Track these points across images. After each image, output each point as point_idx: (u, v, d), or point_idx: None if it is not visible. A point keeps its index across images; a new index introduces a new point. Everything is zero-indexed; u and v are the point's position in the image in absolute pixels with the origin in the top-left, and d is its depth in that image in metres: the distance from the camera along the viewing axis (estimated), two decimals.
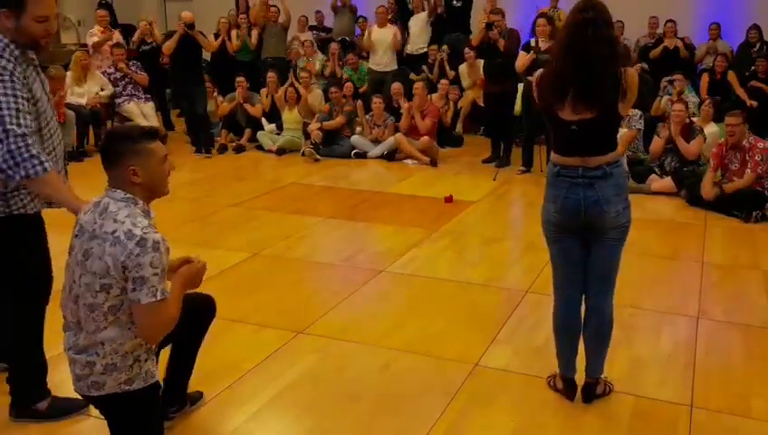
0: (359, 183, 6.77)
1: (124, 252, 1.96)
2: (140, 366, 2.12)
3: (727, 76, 7.69)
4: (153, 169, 2.09)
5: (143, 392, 2.14)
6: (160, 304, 1.99)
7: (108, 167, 2.11)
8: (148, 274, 1.96)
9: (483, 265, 4.43)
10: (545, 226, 2.72)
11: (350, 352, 3.24)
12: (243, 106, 8.44)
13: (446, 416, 2.71)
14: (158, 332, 2.07)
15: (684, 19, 9.25)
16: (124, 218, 2.01)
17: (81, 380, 2.12)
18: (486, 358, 3.17)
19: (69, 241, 2.16)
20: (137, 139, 2.10)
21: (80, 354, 2.10)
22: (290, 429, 2.67)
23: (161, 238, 2.01)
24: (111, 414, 2.18)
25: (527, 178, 6.78)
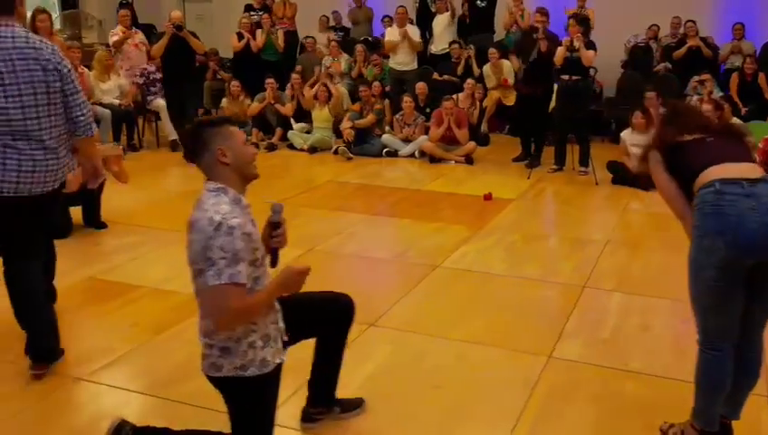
0: (394, 181, 6.83)
1: (204, 237, 2.02)
2: (255, 353, 2.16)
3: (758, 79, 7.73)
4: (238, 149, 2.16)
5: (258, 380, 2.19)
6: (226, 287, 1.99)
7: (198, 156, 2.17)
8: (216, 256, 1.99)
9: (533, 261, 4.49)
10: (702, 267, 2.29)
11: (423, 344, 3.31)
12: (273, 106, 8.50)
13: (531, 406, 2.77)
14: (223, 318, 2.05)
15: (707, 19, 9.31)
16: (209, 207, 2.07)
17: (204, 360, 2.21)
18: (559, 350, 3.23)
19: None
20: (219, 123, 2.21)
21: (204, 337, 2.18)
22: (381, 416, 2.72)
23: (238, 224, 2.03)
24: (227, 396, 2.24)
25: (559, 176, 6.84)
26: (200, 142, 2.14)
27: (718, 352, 2.36)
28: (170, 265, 4.35)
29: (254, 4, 10.53)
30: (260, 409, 2.26)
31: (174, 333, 3.44)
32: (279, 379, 2.26)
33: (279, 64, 10.01)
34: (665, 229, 5.23)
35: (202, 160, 2.16)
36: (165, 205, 5.82)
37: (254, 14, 10.45)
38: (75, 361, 3.14)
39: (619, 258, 4.52)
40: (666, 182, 2.47)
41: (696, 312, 2.40)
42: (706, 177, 2.32)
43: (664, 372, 3.02)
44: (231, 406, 2.25)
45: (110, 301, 3.81)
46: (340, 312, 2.53)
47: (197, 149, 2.15)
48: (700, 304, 2.37)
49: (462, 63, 9.30)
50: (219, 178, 2.14)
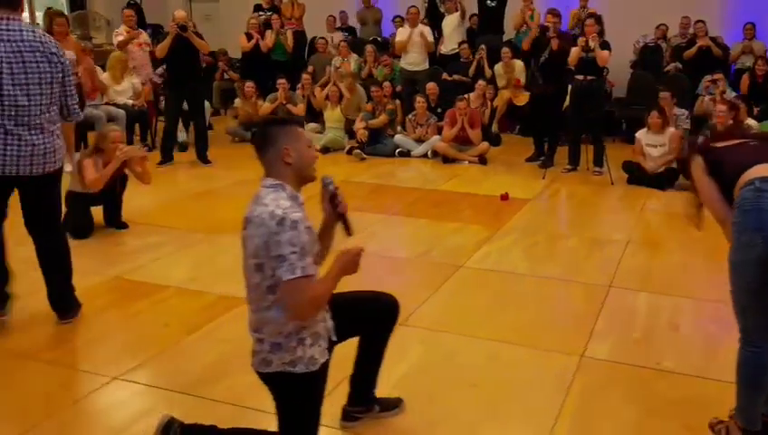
0: (408, 181, 6.84)
1: (267, 231, 2.03)
2: (304, 350, 2.18)
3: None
4: (302, 150, 2.20)
5: (305, 377, 2.20)
6: (301, 280, 2.03)
7: (263, 151, 2.20)
8: (286, 251, 2.01)
9: (556, 260, 4.50)
10: (740, 264, 2.33)
11: (454, 343, 3.31)
12: (285, 106, 8.51)
13: (567, 406, 2.78)
14: (301, 309, 2.09)
15: (717, 18, 9.33)
16: (269, 202, 2.09)
17: (254, 356, 2.22)
18: (590, 350, 3.24)
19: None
20: (288, 123, 2.25)
21: (254, 333, 2.20)
22: (421, 416, 2.72)
23: (300, 218, 2.07)
24: (275, 392, 2.25)
25: (574, 176, 6.85)
26: (268, 138, 2.17)
27: (757, 349, 2.37)
28: (194, 265, 4.37)
29: (263, 4, 10.55)
30: (307, 406, 2.27)
31: (205, 332, 3.44)
32: (326, 377, 2.27)
33: (288, 64, 10.03)
34: (684, 230, 5.20)
35: (266, 156, 2.18)
36: (181, 205, 5.82)
37: (262, 13, 10.48)
38: (110, 360, 3.15)
39: (642, 258, 4.53)
40: (707, 186, 2.48)
41: (736, 310, 2.42)
42: (747, 176, 2.34)
43: (697, 372, 3.02)
44: (279, 402, 2.26)
45: (138, 301, 3.81)
46: (385, 311, 2.54)
47: (264, 144, 2.18)
48: (739, 301, 2.39)
49: (474, 64, 9.32)
50: (279, 175, 2.16)
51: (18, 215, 3.47)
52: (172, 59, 7.15)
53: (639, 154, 6.52)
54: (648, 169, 6.41)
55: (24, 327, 3.49)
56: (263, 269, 2.09)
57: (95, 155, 4.84)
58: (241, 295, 3.76)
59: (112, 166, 4.74)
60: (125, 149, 4.81)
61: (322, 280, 2.16)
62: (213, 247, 4.69)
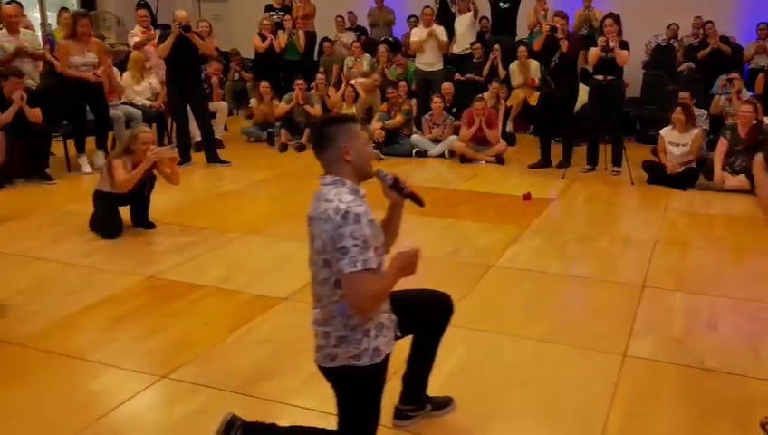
0: (428, 181, 6.83)
1: (333, 226, 2.05)
2: (369, 341, 2.18)
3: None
4: (361, 148, 2.20)
5: (369, 370, 2.20)
6: (362, 273, 2.04)
7: (322, 150, 2.20)
8: (348, 244, 2.03)
9: (587, 260, 4.50)
10: None
11: (497, 343, 3.32)
12: (302, 106, 8.51)
13: (617, 405, 2.78)
14: (362, 302, 2.10)
15: (730, 18, 9.35)
16: (332, 197, 2.11)
17: (318, 350, 2.22)
18: (632, 349, 3.24)
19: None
20: (346, 121, 2.24)
21: (320, 327, 2.20)
22: (472, 414, 2.72)
23: (364, 211, 2.07)
24: (339, 387, 2.25)
25: (593, 176, 6.85)
26: (327, 138, 2.18)
27: None
28: (227, 265, 4.37)
29: (275, 5, 10.54)
30: (370, 399, 2.27)
31: (246, 331, 3.44)
32: (387, 370, 2.28)
33: (300, 64, 10.05)
34: (709, 229, 5.27)
35: (325, 155, 2.19)
36: (205, 205, 5.82)
37: (274, 14, 10.49)
38: (154, 359, 3.15)
39: (672, 258, 4.53)
40: (764, 183, 2.48)
41: None
42: None
43: (743, 371, 3.03)
44: (341, 397, 2.26)
45: (175, 300, 3.81)
46: (440, 310, 2.55)
47: (323, 143, 2.18)
48: None
49: (488, 64, 9.32)
50: (338, 173, 2.17)
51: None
52: (174, 59, 7.08)
53: (661, 151, 6.52)
54: (669, 167, 6.41)
55: (66, 327, 3.49)
56: (330, 265, 2.10)
57: (125, 156, 4.84)
58: (277, 295, 3.83)
59: (143, 167, 4.74)
60: (156, 150, 4.81)
61: (382, 276, 2.16)
62: (244, 248, 4.70)
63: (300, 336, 3.35)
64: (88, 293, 3.90)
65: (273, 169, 7.22)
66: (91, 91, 6.76)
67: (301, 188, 6.40)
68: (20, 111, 6.23)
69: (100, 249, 4.65)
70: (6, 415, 2.71)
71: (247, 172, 7.02)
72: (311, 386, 2.93)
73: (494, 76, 9.08)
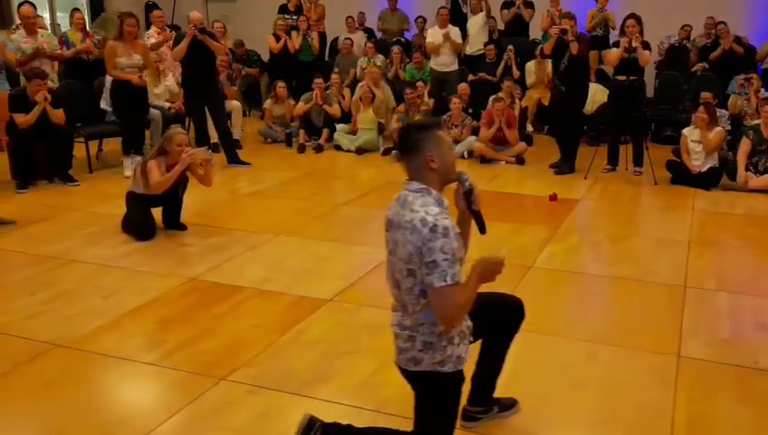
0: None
1: (420, 238, 2.04)
2: (453, 349, 2.18)
3: None
4: (446, 155, 2.19)
5: (452, 376, 2.20)
6: (451, 287, 2.04)
7: (408, 157, 2.19)
8: (438, 258, 2.02)
9: (624, 260, 4.49)
10: None
11: (548, 344, 3.31)
12: (320, 107, 8.49)
13: (679, 405, 2.78)
14: (450, 315, 2.11)
15: (743, 19, 9.37)
16: (419, 208, 2.09)
17: (402, 353, 2.21)
18: (685, 349, 3.24)
19: None
20: (431, 128, 2.22)
21: (405, 331, 2.19)
22: (537, 416, 2.72)
23: (451, 225, 2.07)
24: (422, 391, 2.24)
25: (615, 176, 6.85)
26: (413, 145, 2.16)
27: None
28: (265, 266, 4.35)
29: (290, 7, 10.52)
30: (450, 405, 2.27)
31: (297, 333, 3.43)
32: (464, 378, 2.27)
33: (314, 65, 10.04)
34: (741, 229, 5.28)
35: (411, 162, 2.17)
36: (233, 206, 5.80)
37: (288, 17, 10.46)
38: (210, 361, 3.13)
39: (709, 258, 4.54)
40: None
41: None
42: None
43: None
44: (422, 401, 2.25)
45: (219, 302, 3.79)
46: (512, 314, 2.54)
47: (410, 150, 2.17)
48: None
49: (502, 64, 9.32)
50: (424, 180, 2.16)
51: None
52: (189, 61, 7.04)
53: (684, 151, 6.53)
54: (692, 167, 6.42)
55: (115, 329, 3.47)
56: (415, 274, 2.10)
57: (159, 157, 4.82)
58: (321, 296, 3.82)
59: (179, 168, 4.72)
60: (191, 151, 4.79)
61: (464, 287, 2.14)
62: (280, 249, 4.68)
63: (350, 337, 3.38)
64: (130, 295, 3.89)
65: (295, 169, 7.21)
66: (135, 93, 6.65)
67: (326, 189, 6.41)
68: (42, 113, 6.20)
69: (136, 251, 4.63)
70: (70, 419, 2.70)
71: (269, 173, 7.01)
72: (367, 388, 2.94)
73: (506, 76, 9.06)
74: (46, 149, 6.37)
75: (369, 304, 3.77)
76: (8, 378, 3.00)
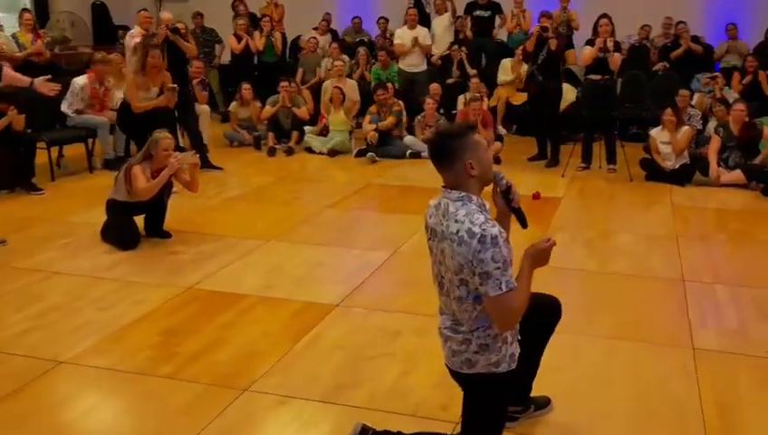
0: (432, 182, 6.75)
1: (469, 250, 2.03)
2: (507, 348, 2.19)
3: (758, 76, 8.16)
4: (483, 158, 2.17)
5: (506, 376, 2.21)
6: (507, 294, 2.05)
7: (445, 166, 2.16)
8: (491, 268, 2.02)
9: (620, 257, 4.60)
10: None
11: (569, 342, 3.30)
12: (287, 109, 8.40)
13: (706, 396, 2.86)
14: (509, 321, 2.12)
15: (698, 19, 9.77)
16: (463, 218, 2.07)
17: (456, 355, 2.20)
18: (698, 342, 3.35)
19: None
20: (466, 134, 2.19)
21: (457, 334, 2.18)
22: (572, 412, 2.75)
23: (499, 232, 2.06)
24: (474, 393, 2.24)
25: (591, 174, 7.03)
26: (450, 154, 2.13)
27: None
28: (263, 273, 4.27)
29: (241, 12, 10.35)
30: (502, 404, 2.28)
31: (312, 339, 3.38)
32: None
33: (278, 66, 9.93)
34: (722, 222, 5.49)
35: (450, 171, 2.14)
36: (215, 211, 5.67)
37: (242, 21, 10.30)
38: (229, 372, 3.05)
39: (699, 252, 4.71)
40: None
41: None
42: None
43: None
44: (475, 401, 2.25)
45: (223, 311, 3.70)
46: (549, 313, 2.57)
47: (447, 159, 2.13)
48: None
49: (455, 64, 9.43)
50: (463, 187, 2.13)
51: None
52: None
53: (655, 152, 6.75)
54: (665, 166, 6.64)
55: (119, 343, 3.34)
56: (467, 284, 2.09)
57: (144, 162, 4.67)
58: (328, 301, 3.79)
59: (166, 173, 4.58)
60: (179, 156, 4.65)
61: (519, 287, 2.12)
62: (274, 254, 4.60)
63: (369, 343, 3.35)
64: (127, 307, 3.75)
65: (269, 173, 7.10)
66: (160, 115, 6.29)
67: (307, 193, 6.34)
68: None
69: (122, 261, 4.47)
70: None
71: (243, 178, 6.88)
72: (398, 392, 2.92)
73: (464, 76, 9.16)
74: (7, 156, 6.08)
75: (379, 308, 3.75)
76: (17, 399, 2.84)
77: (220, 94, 10.51)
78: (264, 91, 8.92)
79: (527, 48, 7.49)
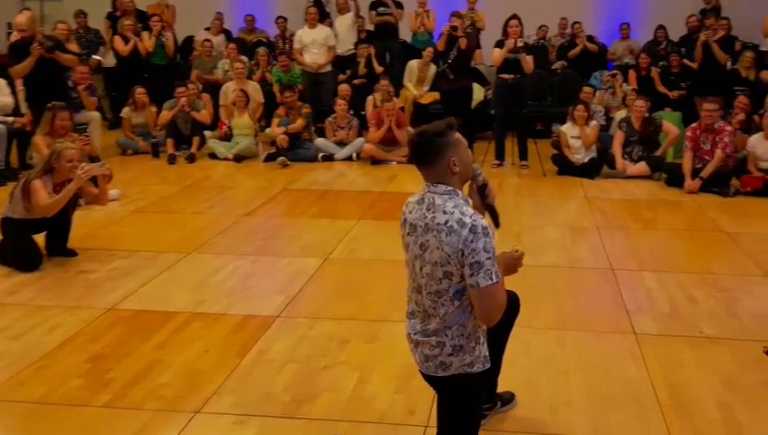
0: (352, 185, 6.92)
1: (460, 240, 2.09)
2: (480, 349, 2.25)
3: (651, 73, 8.83)
4: (464, 155, 2.24)
5: (481, 376, 2.26)
6: (497, 286, 2.12)
7: (427, 164, 2.20)
8: (482, 258, 2.09)
9: (549, 250, 4.81)
10: None
11: (518, 335, 3.36)
12: (187, 113, 8.14)
13: (656, 379, 3.06)
14: (495, 313, 2.18)
15: (592, 19, 10.44)
16: (452, 209, 2.13)
17: (429, 360, 2.23)
18: (638, 327, 3.58)
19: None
20: (447, 132, 2.23)
21: (431, 337, 2.21)
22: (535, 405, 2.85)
23: (486, 224, 2.15)
24: (451, 395, 2.27)
25: (504, 171, 7.34)
26: (433, 152, 2.17)
27: None
28: (190, 288, 4.13)
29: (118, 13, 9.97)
30: (478, 404, 2.34)
31: (258, 354, 3.30)
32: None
33: (169, 69, 9.61)
34: (635, 212, 5.89)
35: (432, 169, 2.18)
36: (122, 225, 5.41)
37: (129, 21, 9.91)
38: (176, 394, 2.93)
39: (621, 241, 5.03)
40: None
41: None
42: None
43: (735, 335, 3.49)
44: (451, 404, 2.29)
45: (155, 331, 3.53)
46: (511, 308, 2.63)
47: (430, 157, 2.17)
48: None
49: (362, 63, 9.54)
50: (447, 183, 2.18)
51: None
52: (33, 78, 6.50)
53: (565, 147, 7.13)
54: (575, 161, 7.04)
55: (43, 374, 3.11)
56: (451, 277, 2.13)
57: (45, 176, 4.37)
58: (267, 313, 3.72)
59: (72, 187, 4.31)
60: (87, 168, 4.38)
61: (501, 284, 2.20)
62: (198, 268, 4.45)
63: (320, 352, 3.33)
64: (42, 334, 3.50)
65: (173, 182, 6.86)
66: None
67: (220, 201, 6.17)
68: None
69: (25, 284, 4.17)
70: None
71: (145, 188, 6.60)
72: (362, 399, 2.92)
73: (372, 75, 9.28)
74: None
75: (323, 316, 3.72)
76: None
77: (106, 100, 10.01)
78: (155, 95, 8.60)
79: (438, 47, 7.70)
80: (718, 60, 8.33)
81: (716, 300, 3.94)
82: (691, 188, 6.34)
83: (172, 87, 8.42)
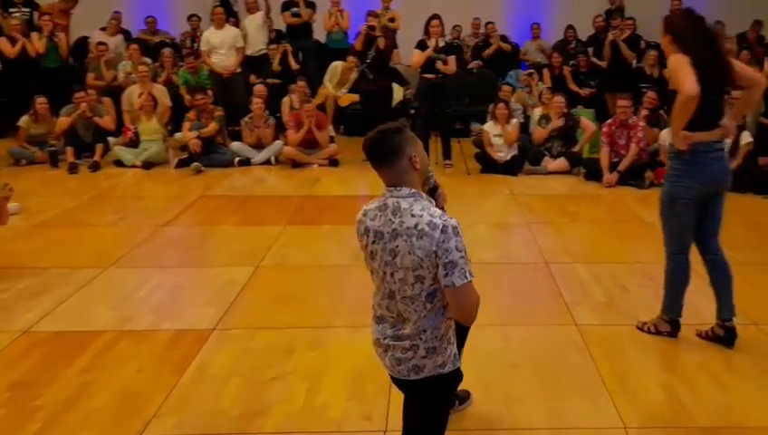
0: (274, 190, 6.84)
1: (433, 242, 2.10)
2: (450, 348, 2.27)
3: (563, 71, 9.22)
4: (422, 153, 2.26)
5: (451, 375, 2.29)
6: (471, 284, 2.14)
7: (388, 162, 2.18)
8: (456, 257, 2.11)
9: (483, 247, 4.90)
10: (680, 200, 3.26)
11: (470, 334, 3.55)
12: (88, 119, 7.78)
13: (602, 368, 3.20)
14: (472, 311, 2.20)
15: (504, 20, 10.79)
16: (420, 212, 2.14)
17: (401, 363, 2.23)
18: (578, 318, 3.73)
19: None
20: (404, 129, 2.26)
21: (404, 341, 2.21)
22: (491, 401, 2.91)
23: (456, 222, 2.17)
24: (421, 397, 2.28)
25: None
26: (393, 150, 2.17)
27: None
28: (113, 304, 3.96)
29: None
30: (447, 405, 2.37)
31: (197, 370, 3.20)
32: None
33: (64, 72, 9.17)
34: (559, 206, 6.13)
35: (392, 167, 2.17)
36: (21, 242, 5.07)
37: (16, 11, 9.43)
38: (116, 419, 2.79)
39: (551, 235, 5.22)
40: None
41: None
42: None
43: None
44: (422, 406, 2.30)
45: (80, 353, 3.35)
46: None
47: (392, 155, 2.16)
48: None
49: (277, 60, 9.45)
50: (407, 183, 2.18)
51: None
52: None
53: (488, 145, 7.33)
54: (497, 159, 7.26)
55: None
56: (423, 280, 2.14)
57: None
58: (202, 327, 3.61)
59: None
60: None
61: None
62: (119, 283, 4.26)
63: (264, 363, 3.28)
64: None
65: (79, 192, 6.55)
66: None
67: (132, 212, 5.93)
68: None
69: None
70: None
71: (45, 200, 6.25)
72: (315, 409, 2.90)
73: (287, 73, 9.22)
74: None
75: (261, 326, 3.66)
76: None
77: None
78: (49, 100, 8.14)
79: (356, 47, 7.74)
80: (626, 58, 8.82)
81: (647, 288, 4.15)
82: (609, 181, 6.67)
83: (68, 91, 8.04)
